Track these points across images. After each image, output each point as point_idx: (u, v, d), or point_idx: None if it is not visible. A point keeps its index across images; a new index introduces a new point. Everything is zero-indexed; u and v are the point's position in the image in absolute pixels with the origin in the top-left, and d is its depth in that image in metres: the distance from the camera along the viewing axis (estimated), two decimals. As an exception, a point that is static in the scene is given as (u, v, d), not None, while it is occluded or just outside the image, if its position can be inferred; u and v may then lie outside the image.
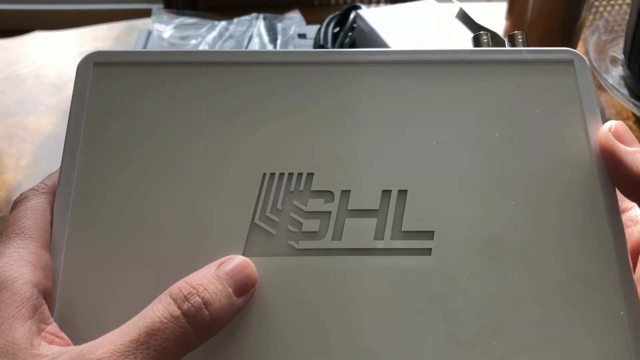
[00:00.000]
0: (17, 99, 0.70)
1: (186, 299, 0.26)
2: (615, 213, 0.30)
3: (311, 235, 0.30)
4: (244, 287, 0.28)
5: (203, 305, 0.26)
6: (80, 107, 0.32)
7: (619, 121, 0.31)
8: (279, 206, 0.30)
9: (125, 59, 0.33)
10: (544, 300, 0.29)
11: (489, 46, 0.37)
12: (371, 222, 0.30)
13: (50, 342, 0.26)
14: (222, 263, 0.28)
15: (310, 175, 0.31)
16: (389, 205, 0.30)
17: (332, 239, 0.30)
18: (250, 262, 0.29)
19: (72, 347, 0.25)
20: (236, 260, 0.28)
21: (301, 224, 0.30)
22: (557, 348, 0.28)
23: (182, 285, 0.26)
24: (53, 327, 0.27)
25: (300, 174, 0.31)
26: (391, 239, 0.30)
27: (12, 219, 0.29)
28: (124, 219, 0.30)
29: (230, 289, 0.27)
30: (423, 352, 0.28)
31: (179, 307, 0.26)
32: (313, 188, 0.31)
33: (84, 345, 0.25)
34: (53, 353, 0.25)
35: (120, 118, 0.32)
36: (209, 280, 0.27)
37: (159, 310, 0.26)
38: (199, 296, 0.26)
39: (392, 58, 0.33)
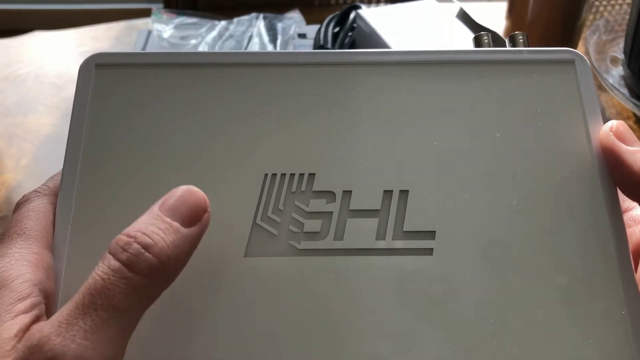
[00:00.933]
0: (17, 99, 0.70)
1: (123, 249, 0.25)
2: (616, 213, 0.30)
3: (313, 235, 0.30)
4: (192, 217, 0.27)
5: (143, 250, 0.25)
6: (82, 109, 0.32)
7: (620, 121, 0.31)
8: (281, 207, 0.30)
9: (127, 61, 0.33)
10: (545, 301, 0.29)
11: (490, 46, 0.37)
12: (373, 223, 0.30)
13: None
14: (162, 202, 0.27)
15: (312, 175, 0.31)
16: (391, 206, 0.30)
17: (334, 239, 0.30)
18: (195, 189, 0.27)
19: (28, 333, 0.24)
20: (177, 192, 0.27)
21: (303, 224, 0.30)
22: (558, 350, 0.28)
23: (118, 238, 0.25)
24: None
25: (301, 175, 0.31)
26: (393, 239, 0.30)
27: (14, 220, 0.29)
28: (125, 220, 0.30)
29: (176, 223, 0.26)
30: (424, 355, 0.28)
31: (118, 259, 0.25)
32: (314, 188, 0.31)
33: (34, 326, 0.24)
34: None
35: (122, 120, 0.32)
36: (147, 223, 0.26)
37: (99, 268, 0.25)
38: (137, 242, 0.25)
39: (393, 59, 0.33)
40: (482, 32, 0.38)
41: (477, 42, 0.37)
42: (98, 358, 0.23)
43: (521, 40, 0.36)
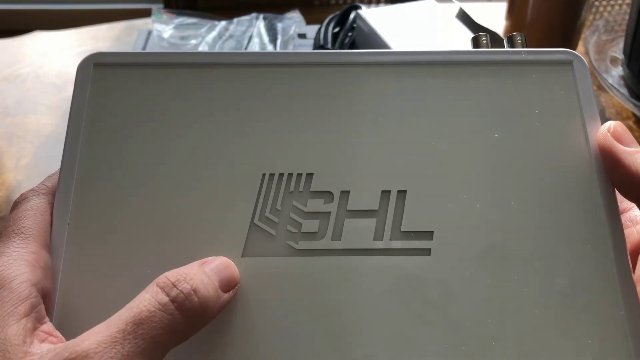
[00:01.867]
0: (17, 99, 0.70)
1: (174, 285, 0.26)
2: (614, 213, 0.30)
3: (311, 235, 0.30)
4: (228, 284, 0.28)
5: (192, 292, 0.26)
6: (80, 108, 0.32)
7: (617, 122, 0.31)
8: (279, 207, 0.30)
9: (125, 61, 0.33)
10: (543, 302, 0.29)
11: (488, 47, 0.37)
12: (370, 223, 0.30)
13: (44, 340, 0.25)
14: (204, 262, 0.28)
15: (310, 175, 0.31)
16: (389, 206, 0.30)
17: (332, 240, 0.30)
18: (232, 263, 0.29)
19: (61, 344, 0.25)
20: (219, 260, 0.29)
21: (301, 224, 0.30)
22: (555, 351, 0.28)
23: (169, 274, 0.26)
24: (48, 325, 0.27)
25: (299, 175, 0.31)
26: (390, 239, 0.30)
27: (11, 219, 0.29)
28: (123, 219, 0.30)
29: (216, 283, 0.27)
30: (421, 356, 0.28)
31: (167, 294, 0.26)
32: (312, 188, 0.31)
33: (71, 340, 0.25)
34: (42, 352, 0.25)
35: (120, 119, 0.32)
36: (195, 272, 0.27)
37: (145, 299, 0.25)
38: (187, 283, 0.26)
39: (391, 59, 0.33)
40: (481, 33, 0.38)
41: (476, 42, 0.37)
42: None
43: (519, 41, 0.36)
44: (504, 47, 0.36)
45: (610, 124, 0.31)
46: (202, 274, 0.27)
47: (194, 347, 0.28)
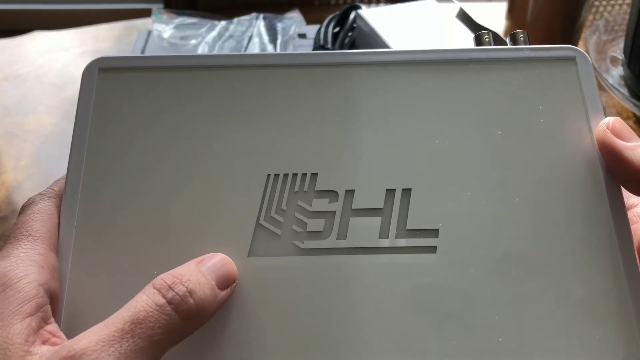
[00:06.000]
0: (17, 99, 0.70)
1: (170, 287, 0.26)
2: (620, 209, 0.30)
3: (316, 234, 0.30)
4: (225, 282, 0.28)
5: (188, 294, 0.26)
6: (85, 112, 0.32)
7: (615, 117, 0.31)
8: (284, 206, 0.30)
9: (130, 64, 0.33)
10: (547, 296, 0.29)
11: (490, 45, 0.37)
12: (376, 221, 0.30)
13: (46, 341, 0.26)
14: (202, 260, 0.28)
15: (315, 175, 0.31)
16: (394, 204, 0.30)
17: (337, 238, 0.30)
18: (230, 260, 0.29)
19: (61, 344, 0.25)
20: (216, 257, 0.29)
21: (306, 223, 0.30)
22: (559, 342, 0.28)
23: (165, 276, 0.27)
24: (53, 326, 0.27)
25: (304, 175, 0.31)
26: (396, 238, 0.30)
27: (19, 221, 0.29)
28: (129, 221, 0.30)
29: (213, 282, 0.28)
30: (428, 353, 0.28)
31: (164, 296, 0.26)
32: (317, 188, 0.31)
33: (70, 340, 0.25)
34: (42, 352, 0.25)
35: (126, 123, 0.32)
36: (191, 272, 0.27)
37: (143, 300, 0.26)
38: (183, 285, 0.26)
39: (394, 58, 0.33)
40: (483, 31, 0.38)
41: (478, 40, 0.37)
42: None
43: (522, 39, 0.36)
44: (506, 44, 0.36)
45: (608, 120, 0.31)
46: (198, 274, 0.27)
47: (198, 344, 0.28)
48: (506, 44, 0.36)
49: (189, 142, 0.32)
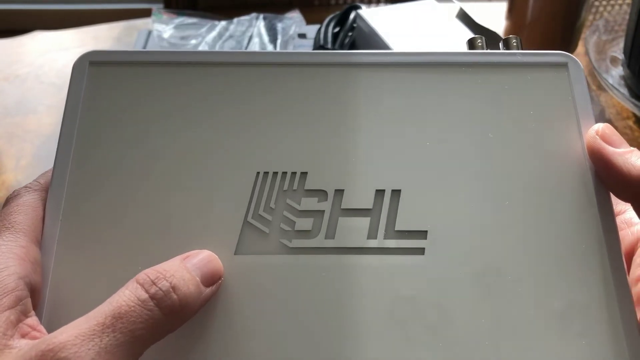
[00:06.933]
0: (17, 99, 0.71)
1: (153, 283, 0.26)
2: (609, 215, 0.30)
3: (304, 234, 0.30)
4: (210, 279, 0.28)
5: (171, 289, 0.26)
6: (75, 105, 0.32)
7: (605, 124, 0.31)
8: (272, 205, 0.30)
9: (121, 59, 0.33)
10: (535, 300, 0.29)
11: (483, 49, 0.37)
12: (364, 222, 0.30)
13: (25, 334, 0.26)
14: (187, 256, 0.28)
15: (304, 174, 0.31)
16: (383, 205, 0.30)
17: (325, 238, 0.30)
18: (216, 257, 0.29)
19: (40, 338, 0.25)
20: (202, 254, 0.29)
21: (294, 222, 0.30)
22: (546, 347, 0.28)
23: (149, 271, 0.27)
24: (33, 319, 0.26)
25: (293, 173, 0.31)
26: (384, 238, 0.30)
27: (2, 214, 0.29)
28: (116, 216, 0.30)
29: (197, 278, 0.27)
30: (415, 355, 0.28)
31: (147, 291, 0.26)
32: (306, 187, 0.31)
33: (50, 333, 0.25)
34: (21, 346, 0.25)
35: (115, 117, 0.32)
36: (176, 268, 0.27)
37: (125, 295, 0.26)
38: (167, 280, 0.26)
39: (386, 60, 0.33)
40: (476, 36, 0.38)
41: (471, 45, 0.37)
42: None
43: (515, 44, 0.36)
44: (499, 49, 0.36)
45: (598, 126, 0.31)
46: (182, 270, 0.27)
47: (184, 344, 0.28)
48: (500, 47, 0.36)
49: (177, 138, 0.31)
